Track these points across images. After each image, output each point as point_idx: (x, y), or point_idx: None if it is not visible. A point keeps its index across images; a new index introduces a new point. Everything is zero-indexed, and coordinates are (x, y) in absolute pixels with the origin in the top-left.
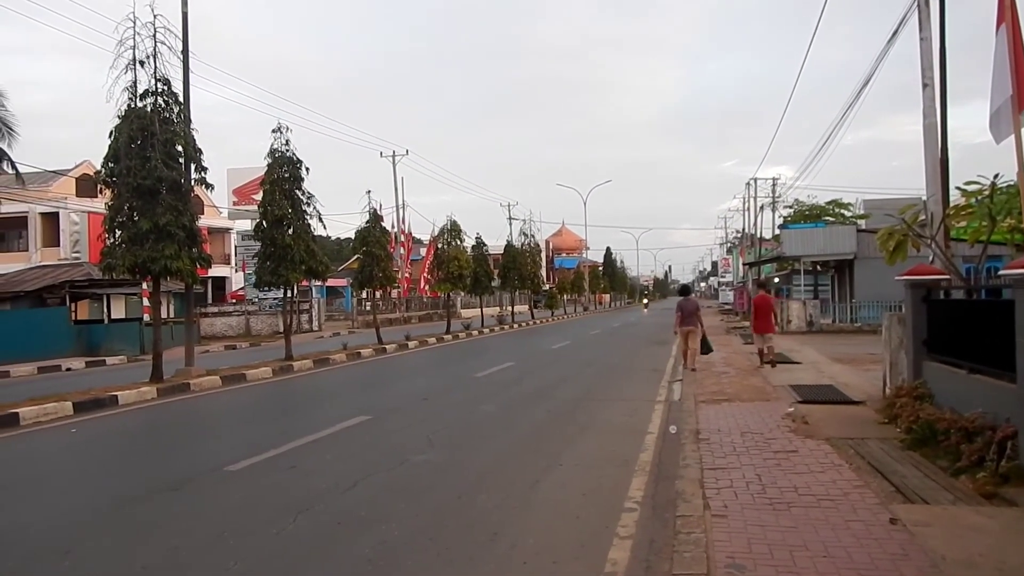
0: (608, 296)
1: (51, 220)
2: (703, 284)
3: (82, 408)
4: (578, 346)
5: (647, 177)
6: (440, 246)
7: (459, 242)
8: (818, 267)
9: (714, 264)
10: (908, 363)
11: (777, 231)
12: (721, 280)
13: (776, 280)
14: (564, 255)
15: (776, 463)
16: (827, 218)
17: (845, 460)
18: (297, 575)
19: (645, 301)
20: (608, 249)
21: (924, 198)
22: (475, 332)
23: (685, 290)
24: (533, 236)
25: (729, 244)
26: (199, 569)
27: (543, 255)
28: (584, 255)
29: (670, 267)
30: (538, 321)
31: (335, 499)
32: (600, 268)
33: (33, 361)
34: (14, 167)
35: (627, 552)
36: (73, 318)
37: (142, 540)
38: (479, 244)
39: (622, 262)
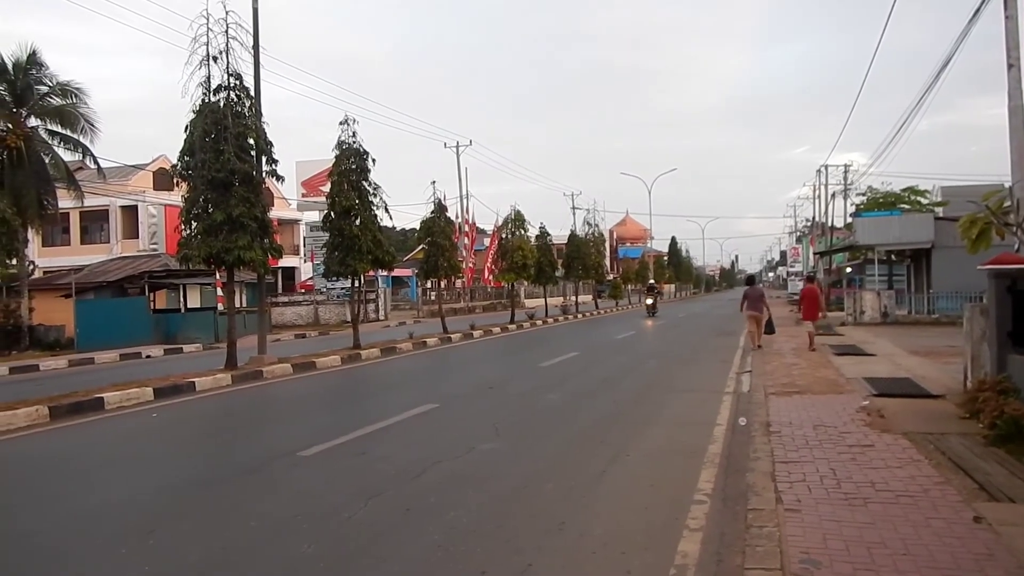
0: (673, 286)
1: (130, 213)
2: (771, 274)
3: (162, 394)
4: (643, 336)
5: (713, 165)
6: (504, 236)
7: (523, 232)
8: (893, 256)
9: (782, 254)
10: (991, 356)
11: (849, 219)
12: (790, 270)
13: (848, 270)
14: (628, 244)
15: (851, 457)
16: (903, 206)
17: (924, 455)
18: (370, 558)
19: (649, 301)
20: (673, 239)
21: (1009, 184)
22: (539, 322)
23: (751, 279)
24: (597, 225)
25: (798, 233)
26: (276, 550)
27: (607, 245)
28: (649, 244)
29: (736, 257)
30: (602, 311)
31: (404, 485)
32: (665, 258)
33: (115, 348)
34: (96, 162)
35: (697, 544)
36: (152, 307)
37: (220, 521)
38: (543, 234)
39: (687, 251)
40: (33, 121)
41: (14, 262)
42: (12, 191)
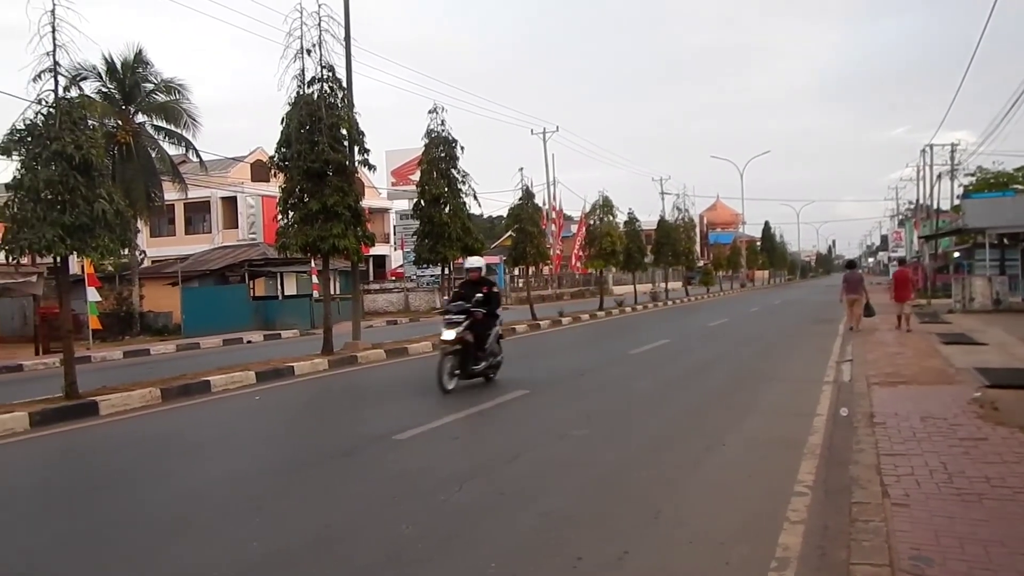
0: (767, 272)
1: (230, 204)
2: (871, 259)
3: (263, 377)
4: (736, 324)
5: (808, 147)
6: (592, 222)
7: (611, 218)
8: (1005, 240)
9: (883, 238)
10: None
11: (956, 201)
12: (892, 255)
13: (956, 255)
14: (719, 230)
15: (963, 451)
16: (1016, 186)
17: None
18: (466, 541)
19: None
20: (766, 223)
21: None
22: (628, 309)
23: (851, 264)
24: (687, 211)
25: (901, 216)
26: (375, 530)
27: (697, 230)
28: (741, 230)
29: (833, 242)
30: (692, 298)
31: (498, 470)
32: (758, 243)
33: (219, 334)
34: (198, 155)
35: (799, 537)
36: (251, 295)
37: (322, 500)
38: (631, 220)
39: (781, 237)
40: (140, 117)
41: (126, 252)
42: (123, 185)
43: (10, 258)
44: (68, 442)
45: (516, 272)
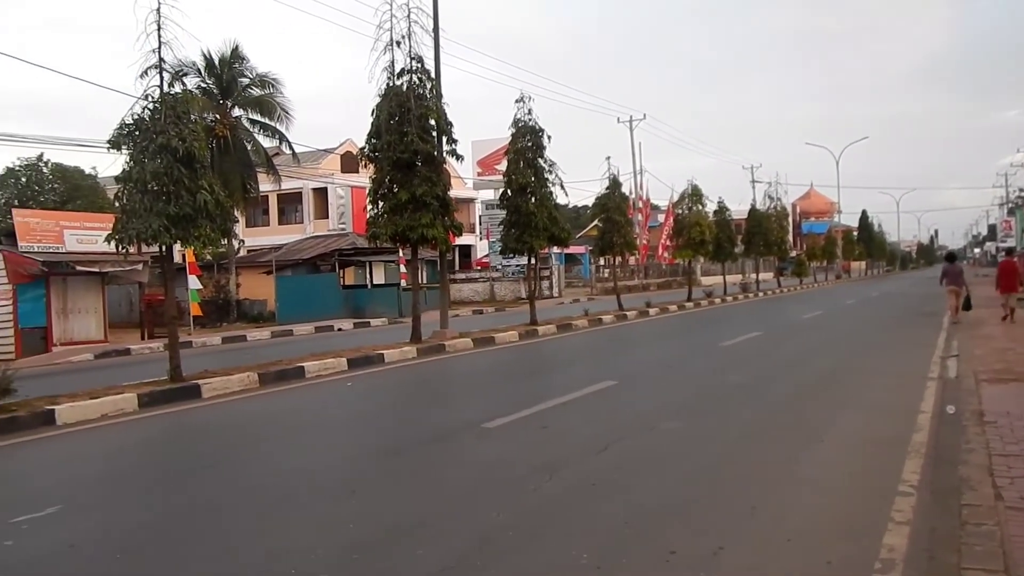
0: (863, 264)
1: (321, 194)
2: (976, 250)
3: (355, 364)
4: (832, 316)
5: (909, 132)
6: (680, 211)
7: (700, 207)
8: None
9: (991, 228)
10: None
11: None
12: (1000, 245)
13: None
14: (813, 219)
15: None
16: None
17: None
18: (557, 531)
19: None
20: (864, 212)
21: None
22: (717, 300)
23: (951, 256)
24: (779, 199)
25: (1011, 204)
26: (467, 516)
27: (789, 220)
28: (836, 219)
29: (936, 232)
30: (784, 289)
31: (587, 461)
32: (854, 233)
33: (310, 321)
34: (291, 148)
35: (904, 539)
36: (341, 283)
37: (413, 486)
38: (721, 209)
39: (880, 226)
40: (237, 111)
41: (225, 242)
42: (221, 176)
43: (119, 247)
44: (174, 423)
45: (602, 262)
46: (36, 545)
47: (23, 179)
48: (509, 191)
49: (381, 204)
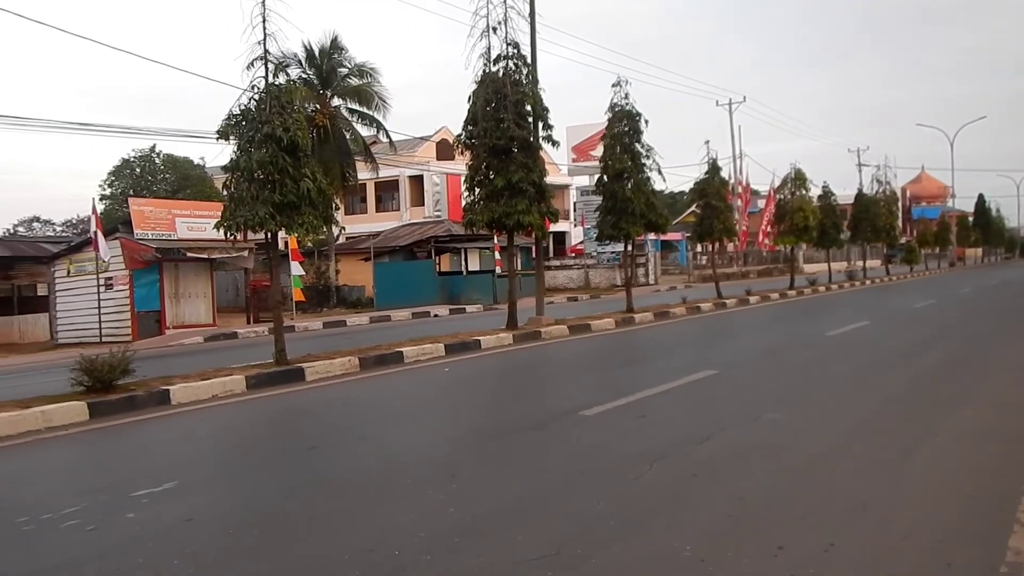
0: (979, 251)
1: (417, 182)
2: None
3: (451, 350)
4: (946, 306)
5: None
6: (782, 196)
7: (804, 191)
8: None
9: None
10: None
11: None
12: None
13: None
14: (924, 204)
15: None
16: None
17: None
18: (660, 521)
19: None
20: (980, 196)
21: None
22: (821, 288)
23: None
24: (888, 183)
25: None
26: (566, 503)
27: (899, 204)
28: (949, 204)
29: None
30: (893, 277)
31: (688, 451)
32: (970, 218)
33: (407, 307)
34: (388, 136)
35: None
36: (437, 270)
37: (512, 471)
38: (826, 193)
39: (998, 211)
40: (336, 101)
41: (325, 229)
42: (321, 165)
43: (228, 234)
44: (279, 405)
45: (699, 249)
46: (155, 518)
47: (137, 169)
48: (605, 177)
49: (477, 191)
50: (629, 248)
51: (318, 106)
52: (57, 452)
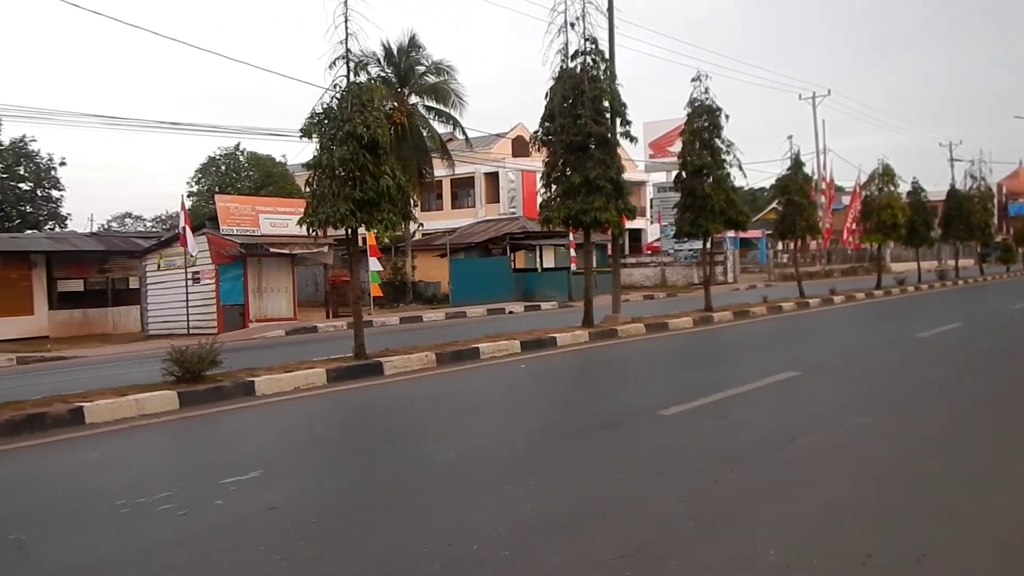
0: None
1: (492, 179)
2: None
3: (527, 347)
4: None
5: None
6: (869, 193)
7: (892, 188)
8: None
9: None
10: None
11: None
12: None
13: None
14: (1021, 201)
15: None
16: None
17: None
18: (742, 524)
19: None
20: None
21: None
22: (910, 288)
23: None
24: (983, 179)
25: None
26: (645, 503)
27: (995, 201)
28: None
29: None
30: (988, 278)
31: (770, 454)
32: None
33: (482, 304)
34: (464, 133)
35: None
36: (512, 266)
37: (590, 469)
38: (916, 190)
39: None
40: (413, 99)
41: (403, 226)
42: (399, 162)
43: (310, 230)
44: (359, 398)
45: (780, 247)
46: (242, 505)
47: (222, 167)
48: (684, 173)
49: (554, 188)
50: (707, 246)
51: (396, 104)
52: (150, 438)
